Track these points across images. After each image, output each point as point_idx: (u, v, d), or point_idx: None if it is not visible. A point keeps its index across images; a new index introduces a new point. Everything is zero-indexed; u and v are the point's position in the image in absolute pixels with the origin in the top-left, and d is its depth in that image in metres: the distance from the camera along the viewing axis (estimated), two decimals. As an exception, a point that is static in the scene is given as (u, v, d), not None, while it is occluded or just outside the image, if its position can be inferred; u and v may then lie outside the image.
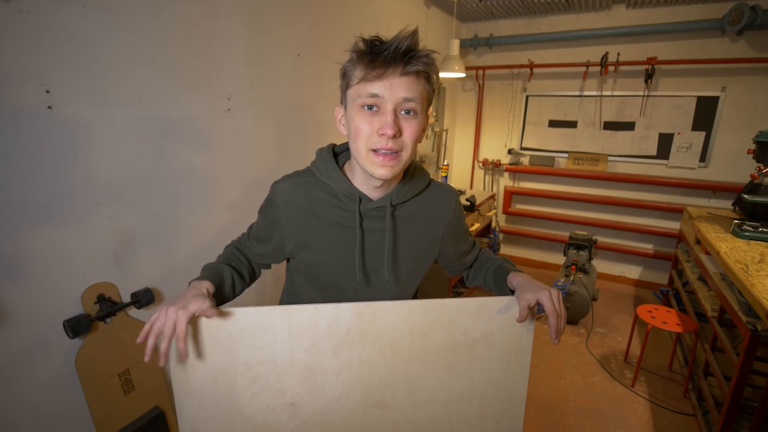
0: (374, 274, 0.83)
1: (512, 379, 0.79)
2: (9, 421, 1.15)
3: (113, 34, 1.25)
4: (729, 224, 2.15)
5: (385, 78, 0.67)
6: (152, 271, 1.48)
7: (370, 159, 0.71)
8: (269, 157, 1.91)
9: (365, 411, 0.76)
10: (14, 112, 1.07)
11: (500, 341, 0.77)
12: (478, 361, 0.77)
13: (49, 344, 1.22)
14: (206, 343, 0.70)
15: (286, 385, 0.73)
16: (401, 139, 0.71)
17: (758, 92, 3.06)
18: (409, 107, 0.70)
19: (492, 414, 0.80)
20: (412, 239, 0.85)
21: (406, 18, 2.99)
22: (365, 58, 0.68)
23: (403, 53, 0.66)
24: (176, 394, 0.70)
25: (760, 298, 1.35)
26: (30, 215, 1.13)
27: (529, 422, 2.02)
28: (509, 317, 0.77)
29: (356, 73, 0.70)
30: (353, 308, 0.71)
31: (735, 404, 1.56)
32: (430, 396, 0.77)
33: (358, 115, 0.71)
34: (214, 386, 0.71)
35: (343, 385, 0.74)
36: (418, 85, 0.70)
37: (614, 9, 3.39)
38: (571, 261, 3.08)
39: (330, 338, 0.72)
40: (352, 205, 0.79)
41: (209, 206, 1.66)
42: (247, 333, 0.70)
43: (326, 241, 0.81)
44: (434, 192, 0.87)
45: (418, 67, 0.68)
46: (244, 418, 0.73)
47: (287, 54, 1.92)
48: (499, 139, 4.15)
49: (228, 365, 0.70)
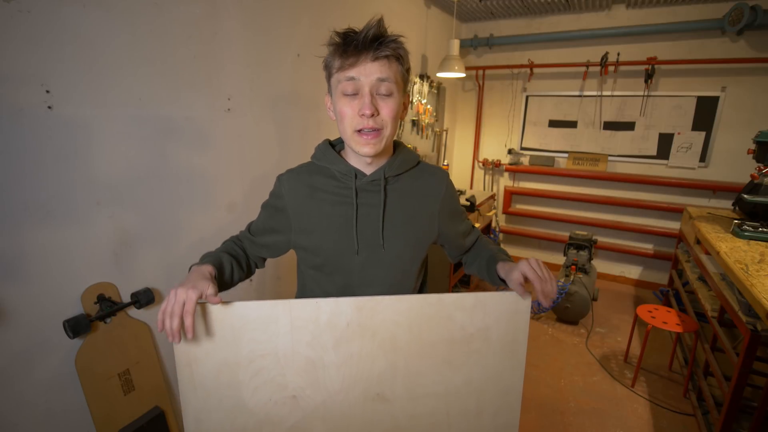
0: (373, 244, 0.88)
1: (509, 374, 0.80)
2: (9, 421, 1.15)
3: (113, 34, 1.25)
4: (729, 224, 2.15)
5: (359, 64, 0.75)
6: (152, 271, 1.48)
7: (356, 139, 0.80)
8: (269, 157, 1.91)
9: (365, 405, 0.77)
10: (14, 112, 1.07)
11: (496, 336, 0.78)
12: (475, 356, 0.78)
13: (49, 344, 1.22)
14: (210, 336, 0.71)
15: (288, 379, 0.74)
16: (380, 117, 0.79)
17: (758, 92, 3.06)
18: (384, 88, 0.77)
19: (489, 408, 0.81)
20: (409, 215, 0.90)
21: (406, 18, 2.99)
22: (340, 49, 0.76)
23: (371, 40, 0.74)
24: (181, 387, 0.71)
25: (760, 298, 1.35)
26: (30, 215, 1.13)
27: (529, 422, 2.02)
28: (504, 313, 0.77)
29: (335, 63, 0.78)
30: (353, 302, 0.72)
31: (735, 404, 1.56)
32: (428, 390, 0.78)
33: (340, 100, 0.79)
34: (217, 379, 0.72)
35: (344, 379, 0.75)
36: (390, 67, 0.77)
37: (614, 9, 3.39)
38: (571, 261, 3.08)
39: (331, 332, 0.73)
40: (349, 182, 0.87)
41: (209, 206, 1.66)
42: (251, 327, 0.71)
43: (329, 222, 0.87)
44: (425, 171, 0.94)
45: (387, 52, 0.76)
46: (246, 412, 0.74)
47: (287, 54, 1.92)
48: (499, 139, 4.15)
49: (231, 359, 0.72)
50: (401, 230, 0.89)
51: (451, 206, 0.97)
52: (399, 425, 0.78)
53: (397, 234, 0.88)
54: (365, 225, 0.87)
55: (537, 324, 3.02)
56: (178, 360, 0.70)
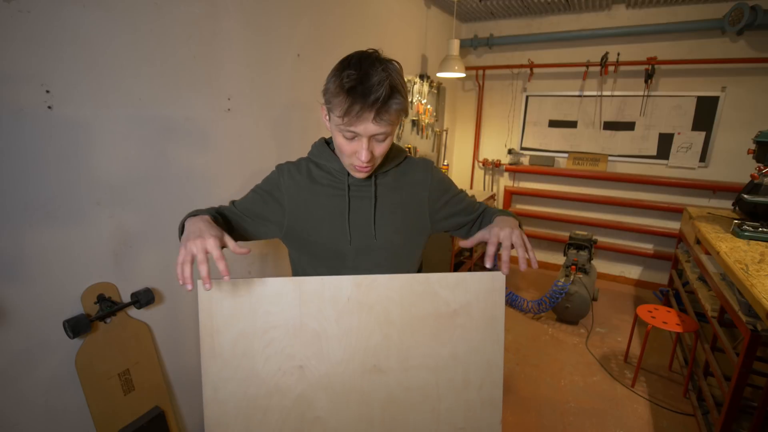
0: (365, 234, 0.94)
1: (490, 347, 0.86)
2: (10, 420, 1.15)
3: (113, 35, 1.25)
4: (729, 224, 2.15)
5: (361, 123, 0.79)
6: (152, 271, 1.48)
7: (350, 167, 0.88)
8: (269, 156, 1.91)
9: (363, 376, 0.83)
10: (14, 112, 1.07)
11: (477, 312, 0.85)
12: (459, 330, 0.85)
13: (49, 344, 1.22)
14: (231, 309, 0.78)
15: (296, 349, 0.81)
16: (374, 156, 0.85)
17: (758, 92, 3.06)
18: (382, 136, 0.83)
19: (474, 381, 0.87)
20: (399, 205, 0.96)
21: (406, 18, 2.99)
22: (345, 102, 0.77)
23: (373, 103, 0.76)
24: (203, 356, 0.78)
25: (760, 298, 1.35)
26: (30, 215, 1.13)
27: (529, 422, 2.02)
28: (483, 290, 0.84)
29: (337, 109, 0.79)
30: (353, 280, 0.80)
31: (735, 404, 1.56)
32: (419, 362, 0.85)
33: (339, 137, 0.84)
34: (234, 349, 0.79)
35: (345, 350, 0.82)
36: (389, 123, 0.81)
37: (614, 9, 3.39)
38: (571, 261, 3.08)
39: (333, 306, 0.81)
40: (343, 178, 0.93)
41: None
42: (266, 300, 0.79)
43: (324, 212, 0.93)
44: (411, 164, 1.00)
45: (388, 116, 0.79)
46: (258, 380, 0.81)
47: (287, 54, 1.92)
48: (499, 139, 4.15)
49: (248, 329, 0.79)
50: (391, 219, 0.95)
51: (441, 188, 1.01)
52: (393, 396, 0.85)
53: (387, 223, 0.95)
54: (357, 216, 0.93)
55: (537, 324, 3.02)
56: (202, 331, 0.77)
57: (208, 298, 0.77)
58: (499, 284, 0.85)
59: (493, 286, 0.85)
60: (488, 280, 0.84)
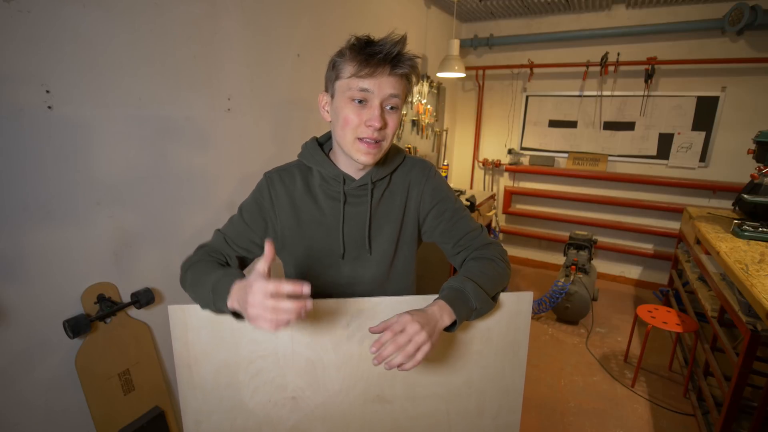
0: (359, 246, 0.89)
1: (509, 374, 0.80)
2: (9, 421, 1.15)
3: (113, 34, 1.25)
4: (729, 224, 2.15)
5: (375, 76, 0.74)
6: (152, 271, 1.48)
7: (356, 147, 0.79)
8: (269, 157, 1.91)
9: (365, 406, 0.76)
10: (14, 112, 1.07)
11: (497, 337, 0.77)
12: (476, 357, 0.78)
13: (49, 344, 1.21)
14: (210, 338, 0.71)
15: (288, 380, 0.74)
16: (385, 130, 0.79)
17: (758, 92, 3.06)
18: (393, 103, 0.78)
19: (490, 409, 0.80)
20: (395, 214, 0.91)
21: (406, 18, 2.99)
22: (359, 57, 0.74)
23: (388, 52, 0.74)
24: (180, 388, 0.71)
25: (760, 298, 1.35)
26: (30, 215, 1.13)
27: (529, 422, 2.02)
28: (506, 313, 0.77)
29: (348, 68, 0.76)
30: (354, 303, 0.73)
31: (735, 404, 1.56)
32: (428, 391, 0.78)
33: (347, 106, 0.77)
34: (217, 380, 0.72)
35: (344, 380, 0.75)
36: (401, 84, 0.78)
37: (614, 9, 3.39)
38: (571, 261, 3.08)
39: (331, 333, 0.73)
40: (337, 186, 0.87)
41: (209, 206, 1.66)
42: (250, 327, 0.70)
43: (316, 221, 0.88)
44: (409, 165, 0.94)
45: (404, 70, 0.76)
46: (246, 412, 0.74)
47: (287, 54, 1.92)
48: (499, 139, 4.15)
49: (231, 359, 0.72)
50: (387, 230, 0.90)
51: (434, 196, 0.91)
52: (399, 425, 0.78)
53: (382, 235, 0.90)
54: (351, 228, 0.88)
55: (537, 324, 3.01)
56: (178, 361, 0.70)
57: (182, 325, 0.69)
58: (526, 306, 0.76)
59: (519, 309, 0.76)
60: (513, 302, 0.76)
